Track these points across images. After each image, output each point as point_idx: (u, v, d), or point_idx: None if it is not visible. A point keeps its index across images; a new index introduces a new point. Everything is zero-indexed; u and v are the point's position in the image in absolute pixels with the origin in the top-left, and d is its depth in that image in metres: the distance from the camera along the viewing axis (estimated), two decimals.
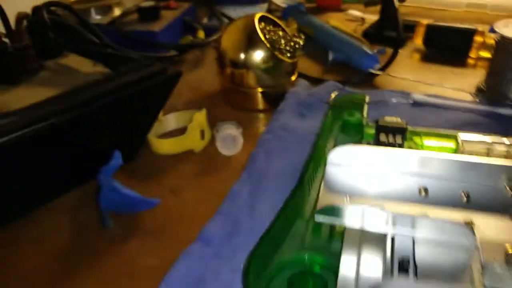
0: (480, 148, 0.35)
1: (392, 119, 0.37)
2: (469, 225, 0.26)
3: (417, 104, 0.49)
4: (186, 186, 0.38)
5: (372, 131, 0.38)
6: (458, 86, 0.51)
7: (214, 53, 0.60)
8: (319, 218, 0.28)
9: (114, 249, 0.32)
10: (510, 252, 0.24)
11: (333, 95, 0.46)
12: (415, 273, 0.25)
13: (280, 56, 0.47)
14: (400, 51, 0.56)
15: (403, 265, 0.25)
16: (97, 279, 0.30)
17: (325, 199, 0.29)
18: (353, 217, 0.28)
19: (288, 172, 0.38)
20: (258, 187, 0.36)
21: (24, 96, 0.43)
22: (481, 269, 0.24)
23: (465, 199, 0.29)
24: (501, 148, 0.34)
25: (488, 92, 0.49)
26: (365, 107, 0.41)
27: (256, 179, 0.37)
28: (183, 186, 0.38)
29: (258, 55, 0.47)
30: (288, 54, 0.49)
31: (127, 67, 0.39)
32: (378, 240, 0.27)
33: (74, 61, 0.49)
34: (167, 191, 0.38)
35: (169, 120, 0.45)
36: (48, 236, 0.34)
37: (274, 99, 0.49)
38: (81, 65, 0.47)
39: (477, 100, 0.48)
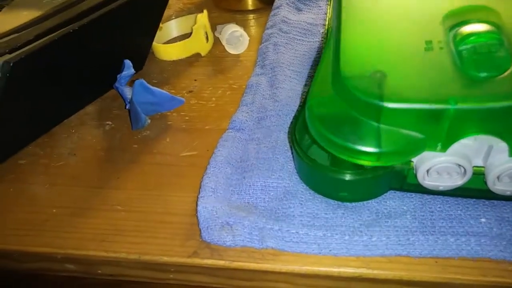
0: None
1: None
2: None
3: None
4: (203, 86, 0.39)
5: None
6: None
7: None
8: None
9: (150, 148, 0.33)
10: None
11: None
12: None
13: None
14: None
15: None
16: (141, 176, 0.31)
17: None
18: None
19: (299, 61, 0.40)
20: (275, 77, 0.37)
21: (10, 19, 0.41)
22: None
23: None
24: None
25: None
26: None
27: (270, 70, 0.38)
28: (200, 86, 0.39)
29: None
30: None
31: None
32: None
33: None
34: (185, 93, 0.38)
35: (171, 27, 0.44)
36: (81, 147, 0.34)
37: None
38: None
39: None
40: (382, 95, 0.23)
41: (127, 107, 0.34)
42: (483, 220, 0.26)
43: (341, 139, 0.24)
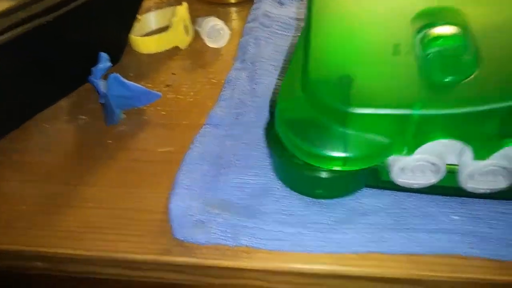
0: None
1: None
2: None
3: None
4: (181, 80, 0.38)
5: None
6: None
7: None
8: None
9: (125, 143, 0.33)
10: None
11: None
12: None
13: None
14: None
15: None
16: (115, 172, 0.31)
17: None
18: None
19: (279, 56, 0.39)
20: (255, 72, 0.37)
21: None
22: None
23: None
24: None
25: None
26: None
27: (250, 64, 0.38)
28: (178, 80, 0.38)
29: None
30: None
31: None
32: None
33: None
34: (163, 87, 0.38)
35: (149, 19, 0.43)
36: (54, 142, 0.33)
37: None
38: None
39: None
40: (348, 100, 0.23)
41: (100, 102, 0.33)
42: (455, 217, 0.26)
43: (308, 144, 0.24)
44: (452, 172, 0.25)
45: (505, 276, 0.24)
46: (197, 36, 0.43)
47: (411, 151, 0.24)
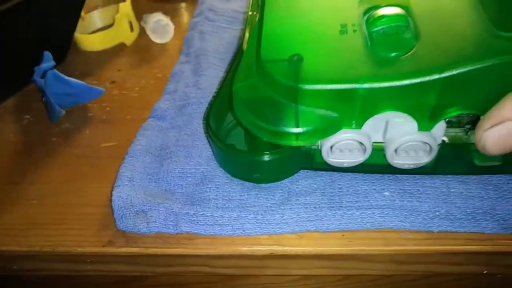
0: None
1: None
2: None
3: None
4: (126, 76, 0.39)
5: None
6: None
7: None
8: None
9: (69, 140, 0.33)
10: None
11: None
12: None
13: None
14: None
15: None
16: (59, 169, 0.31)
17: None
18: None
19: (224, 48, 0.40)
20: (199, 65, 0.38)
21: None
22: None
23: None
24: None
25: None
26: None
27: (195, 58, 0.38)
28: (123, 76, 0.39)
29: None
30: None
31: None
32: None
33: None
34: (109, 83, 0.38)
35: (94, 18, 0.43)
36: None
37: None
38: None
39: None
40: (298, 78, 0.24)
41: (43, 100, 0.33)
42: (386, 193, 0.27)
43: (263, 121, 0.25)
44: (378, 150, 0.26)
45: (434, 246, 0.25)
46: (143, 32, 0.43)
47: (359, 124, 0.25)
